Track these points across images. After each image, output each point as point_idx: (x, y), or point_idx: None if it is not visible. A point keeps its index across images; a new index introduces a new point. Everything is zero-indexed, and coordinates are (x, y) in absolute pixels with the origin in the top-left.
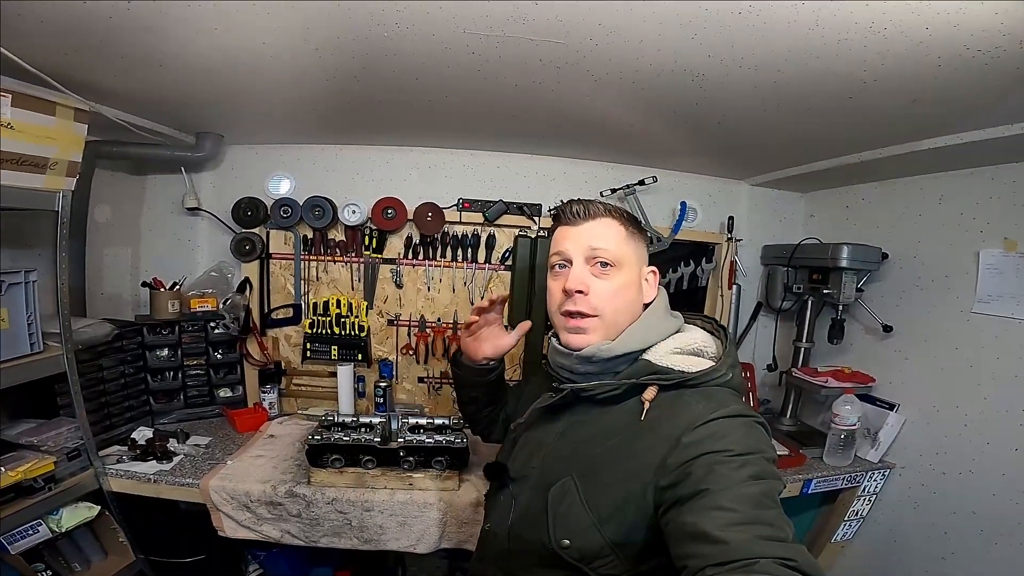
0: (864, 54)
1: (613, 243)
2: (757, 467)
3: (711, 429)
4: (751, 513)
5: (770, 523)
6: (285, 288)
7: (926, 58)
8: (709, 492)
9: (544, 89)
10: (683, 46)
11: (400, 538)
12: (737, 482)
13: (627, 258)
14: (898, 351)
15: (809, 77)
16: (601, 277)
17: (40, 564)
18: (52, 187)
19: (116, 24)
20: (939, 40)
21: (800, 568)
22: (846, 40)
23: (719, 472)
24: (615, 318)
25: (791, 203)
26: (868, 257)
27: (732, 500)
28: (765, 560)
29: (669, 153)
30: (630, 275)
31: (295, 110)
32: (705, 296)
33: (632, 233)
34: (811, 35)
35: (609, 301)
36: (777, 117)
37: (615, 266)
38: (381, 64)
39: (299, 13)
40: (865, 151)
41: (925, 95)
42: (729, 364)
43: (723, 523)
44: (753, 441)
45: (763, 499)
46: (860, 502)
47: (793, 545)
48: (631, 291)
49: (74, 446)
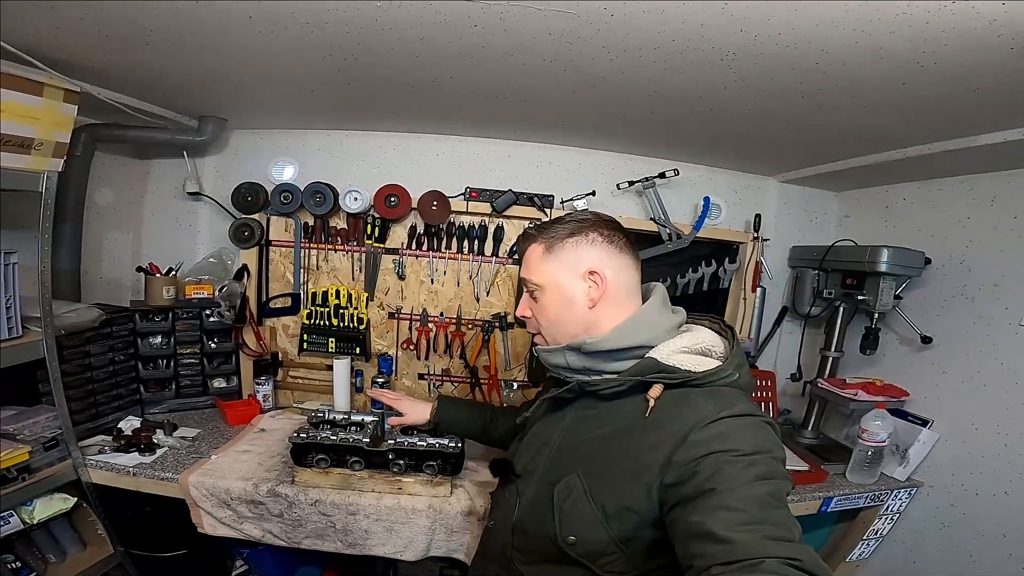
0: (926, 31)
1: (533, 269)
2: (764, 467)
3: (718, 428)
4: (757, 513)
5: (777, 523)
6: (284, 277)
7: (998, 40)
8: (716, 492)
9: (555, 70)
10: (711, 18)
11: (386, 544)
12: (744, 482)
13: (548, 276)
14: (936, 364)
15: (858, 57)
16: (537, 299)
17: (9, 555)
18: (36, 168)
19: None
20: (1017, 19)
21: (806, 568)
22: (906, 15)
23: (726, 472)
24: (551, 329)
25: (824, 202)
26: (910, 262)
27: (738, 500)
28: (771, 560)
29: (692, 145)
30: (554, 291)
31: (293, 92)
32: (727, 299)
33: (549, 247)
34: (863, 7)
35: (543, 318)
36: (814, 104)
37: (540, 288)
38: (377, 39)
39: None
40: (911, 146)
41: (988, 83)
42: (736, 364)
43: (729, 523)
44: (761, 441)
45: (770, 499)
46: (881, 521)
47: (800, 545)
48: (560, 303)
49: (51, 435)
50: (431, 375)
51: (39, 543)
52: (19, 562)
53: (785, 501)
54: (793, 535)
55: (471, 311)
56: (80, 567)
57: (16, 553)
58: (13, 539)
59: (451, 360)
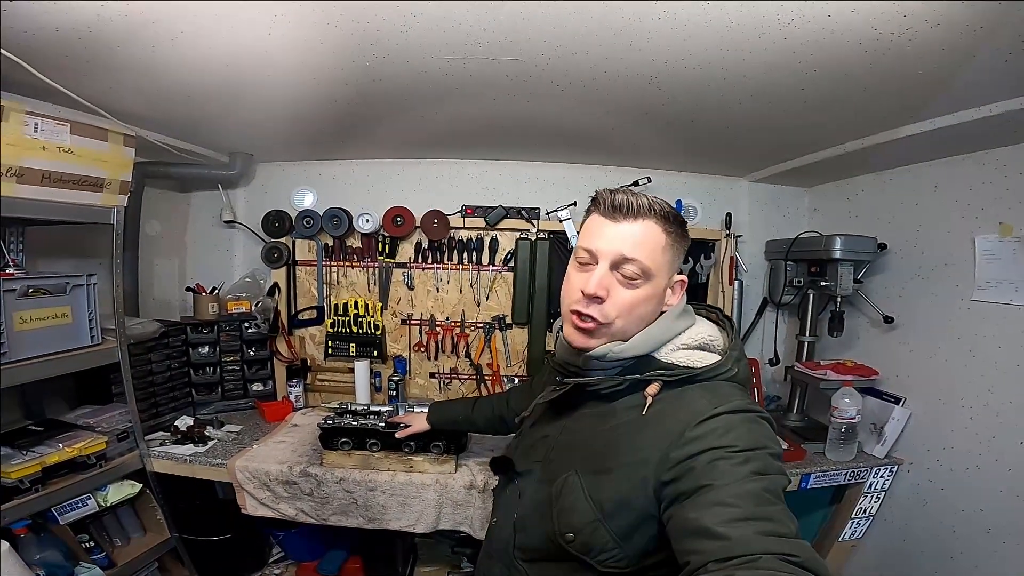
0: (790, 45)
1: (647, 253)
2: (760, 463)
3: (714, 424)
4: (753, 509)
5: (773, 519)
6: (310, 292)
7: (846, 46)
8: (711, 487)
9: (519, 101)
10: (625, 54)
11: (401, 518)
12: (740, 478)
13: (659, 269)
14: (903, 343)
15: (756, 72)
16: (624, 286)
17: (84, 535)
18: (108, 204)
19: (142, 65)
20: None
21: (803, 564)
22: (766, 34)
23: (721, 468)
24: (624, 327)
25: (795, 198)
26: (863, 248)
27: (734, 496)
28: (768, 556)
29: (662, 154)
30: (656, 287)
31: (308, 129)
32: (706, 293)
33: (673, 241)
34: (728, 32)
35: (625, 312)
36: (746, 110)
37: (642, 279)
38: (372, 89)
39: (290, 46)
40: (848, 141)
41: (874, 85)
42: (735, 358)
43: (725, 519)
44: (757, 437)
45: (766, 495)
46: (867, 499)
47: (796, 541)
48: (651, 303)
49: (124, 428)
50: (441, 373)
51: (108, 527)
52: (93, 542)
53: (781, 496)
54: (789, 530)
55: (473, 315)
56: (141, 549)
57: (90, 533)
58: (88, 522)
59: (458, 359)
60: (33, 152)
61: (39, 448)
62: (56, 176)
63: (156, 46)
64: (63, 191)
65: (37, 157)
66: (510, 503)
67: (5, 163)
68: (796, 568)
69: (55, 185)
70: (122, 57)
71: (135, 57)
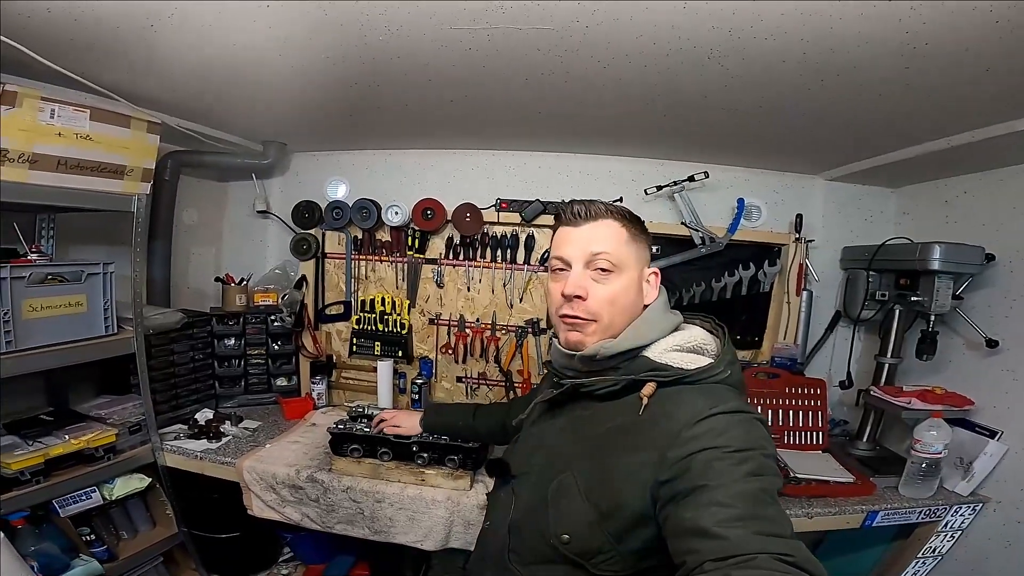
0: (897, 11)
1: (612, 246)
2: (756, 463)
3: (710, 425)
4: (749, 509)
5: (768, 519)
6: (338, 286)
7: (972, 14)
8: (707, 488)
9: (556, 80)
10: (679, 18)
11: (408, 532)
12: (736, 478)
13: (627, 261)
14: (1007, 371)
15: (846, 43)
16: (600, 281)
17: (86, 528)
18: (129, 191)
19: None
20: None
21: (798, 564)
22: None
23: (717, 468)
24: (612, 320)
25: (879, 200)
26: (967, 258)
27: (730, 496)
28: (763, 556)
29: (721, 146)
30: (630, 278)
31: (332, 114)
32: (768, 303)
33: (634, 235)
34: None
35: (607, 305)
36: (828, 96)
37: (614, 270)
38: (391, 68)
39: (299, 25)
40: (955, 134)
41: (1000, 65)
42: (727, 361)
43: (721, 519)
44: (753, 437)
45: (762, 495)
46: (940, 538)
47: (791, 541)
48: (630, 294)
49: (136, 421)
50: (468, 378)
51: (115, 520)
52: (93, 535)
53: (776, 497)
54: (785, 531)
55: (505, 317)
56: (148, 543)
57: (92, 527)
58: (92, 514)
59: (487, 364)
60: (48, 138)
61: (46, 439)
62: (73, 163)
63: (176, 30)
64: (81, 177)
65: (52, 143)
66: (505, 506)
67: (17, 149)
68: (792, 568)
69: (72, 172)
70: (149, 40)
71: (154, 42)
